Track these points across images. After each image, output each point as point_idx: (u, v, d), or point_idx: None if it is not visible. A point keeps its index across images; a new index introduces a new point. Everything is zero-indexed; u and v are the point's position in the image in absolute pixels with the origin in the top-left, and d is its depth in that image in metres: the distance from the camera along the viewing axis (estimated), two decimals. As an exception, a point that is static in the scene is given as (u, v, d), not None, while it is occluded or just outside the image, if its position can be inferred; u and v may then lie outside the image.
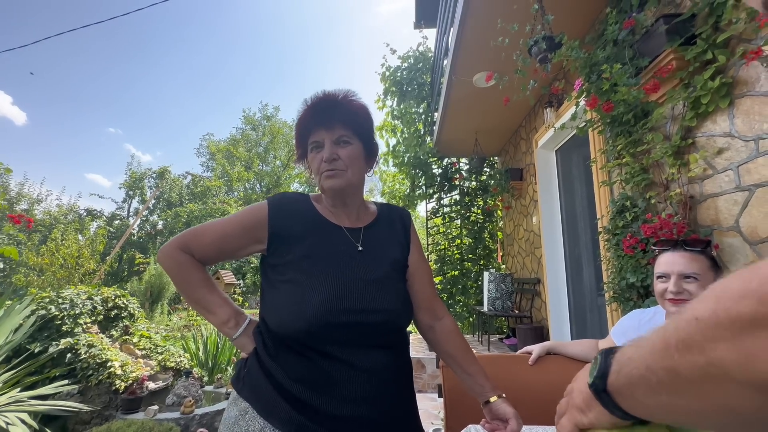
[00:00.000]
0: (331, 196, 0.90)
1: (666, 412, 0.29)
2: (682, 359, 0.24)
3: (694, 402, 0.25)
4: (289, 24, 43.94)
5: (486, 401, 0.90)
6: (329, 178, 0.86)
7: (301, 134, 0.90)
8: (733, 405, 0.22)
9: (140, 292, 7.94)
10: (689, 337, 0.24)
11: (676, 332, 0.25)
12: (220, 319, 0.86)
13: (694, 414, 0.26)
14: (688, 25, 1.80)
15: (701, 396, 0.24)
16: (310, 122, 0.88)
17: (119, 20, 5.38)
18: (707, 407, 0.24)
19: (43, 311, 2.85)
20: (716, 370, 0.22)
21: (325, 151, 0.86)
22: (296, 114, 0.92)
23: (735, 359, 0.21)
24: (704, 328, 0.23)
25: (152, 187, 16.55)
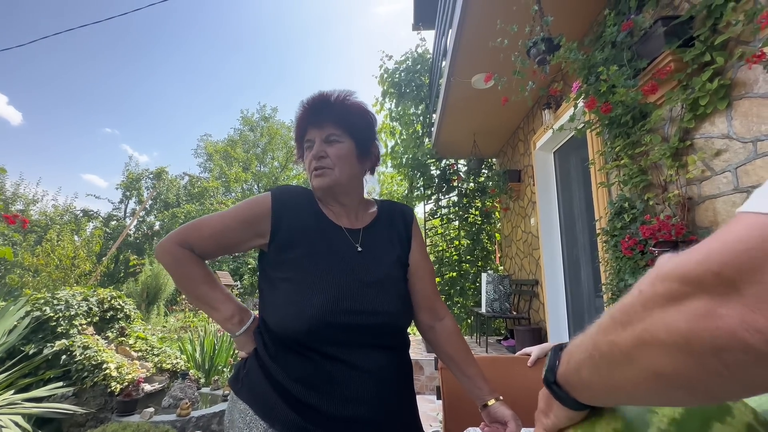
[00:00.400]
0: (320, 195, 0.90)
1: (607, 390, 0.32)
2: (622, 332, 0.28)
3: (629, 372, 0.28)
4: (287, 26, 43.98)
5: (484, 404, 0.89)
6: (317, 177, 0.87)
7: (298, 134, 0.92)
8: (659, 368, 0.25)
9: (136, 293, 7.90)
10: (631, 307, 0.27)
11: (621, 305, 0.29)
12: (223, 315, 0.84)
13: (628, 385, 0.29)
14: (686, 27, 1.81)
15: (635, 364, 0.27)
16: (304, 122, 0.89)
17: (117, 20, 5.36)
18: (639, 375, 0.27)
19: (37, 312, 2.82)
20: (648, 335, 0.26)
21: (316, 149, 0.86)
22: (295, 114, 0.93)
23: (662, 323, 0.24)
24: (644, 299, 0.26)
25: (149, 187, 16.48)
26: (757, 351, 0.20)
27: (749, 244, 0.22)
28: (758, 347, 0.20)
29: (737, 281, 0.22)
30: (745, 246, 0.22)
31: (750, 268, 0.21)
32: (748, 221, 0.23)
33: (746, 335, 0.21)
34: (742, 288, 0.21)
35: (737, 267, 0.22)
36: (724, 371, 0.22)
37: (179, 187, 17.44)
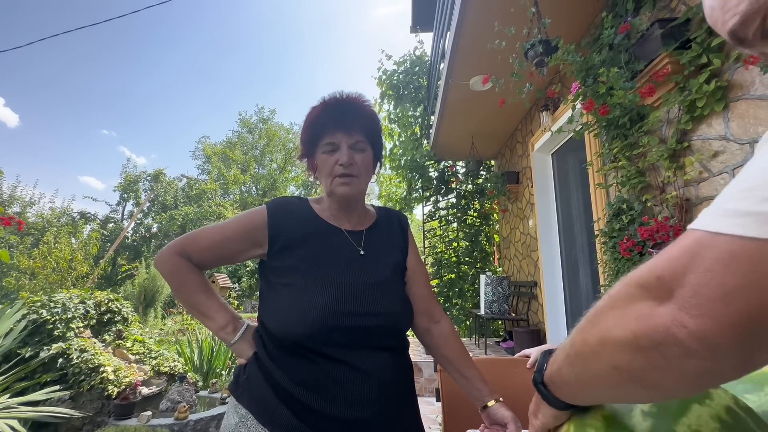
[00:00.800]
0: (337, 201, 0.89)
1: (580, 384, 0.35)
2: (592, 330, 0.32)
3: (595, 366, 0.31)
4: (285, 28, 44.07)
5: (484, 406, 0.89)
6: (344, 184, 0.85)
7: (314, 133, 0.87)
8: (617, 362, 0.29)
9: (134, 296, 7.87)
10: (601, 309, 0.31)
11: (594, 307, 0.32)
12: (218, 325, 0.84)
13: (595, 378, 0.32)
14: (683, 29, 1.82)
15: (599, 358, 0.30)
16: (327, 123, 0.85)
17: (114, 22, 5.36)
18: (602, 369, 0.31)
19: (34, 315, 2.80)
20: (609, 333, 0.29)
21: (343, 155, 0.84)
22: (309, 110, 0.88)
23: (619, 322, 0.28)
24: (611, 301, 0.30)
25: (147, 189, 16.43)
26: (684, 344, 0.24)
27: (683, 253, 0.25)
28: (685, 341, 0.23)
29: (672, 285, 0.25)
30: (679, 255, 0.25)
31: (681, 273, 0.25)
32: (690, 236, 0.26)
33: (675, 330, 0.24)
34: (674, 291, 0.25)
35: (672, 273, 0.25)
36: (664, 364, 0.25)
37: (177, 189, 17.40)
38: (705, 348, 0.23)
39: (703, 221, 0.26)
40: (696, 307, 0.23)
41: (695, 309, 0.23)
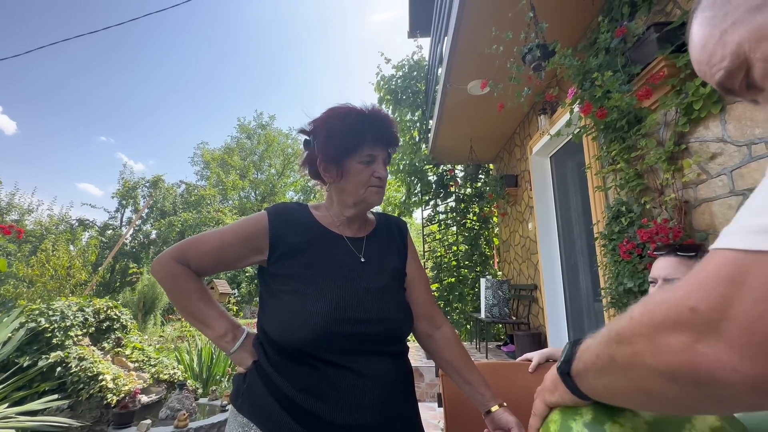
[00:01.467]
0: (362, 209, 0.91)
1: (607, 393, 0.35)
2: (618, 349, 0.31)
3: (624, 383, 0.31)
4: (283, 34, 44.31)
5: (487, 411, 0.88)
6: (377, 194, 0.89)
7: (355, 141, 0.86)
8: (648, 388, 0.28)
9: (133, 303, 7.83)
10: (623, 331, 0.30)
11: (617, 327, 0.32)
12: (216, 333, 0.83)
13: (623, 394, 0.33)
14: (678, 32, 1.83)
15: (628, 379, 0.30)
16: (368, 134, 0.86)
17: (112, 30, 5.39)
18: (632, 389, 0.30)
19: (32, 324, 2.78)
20: (638, 359, 0.28)
21: (381, 168, 0.89)
22: (337, 114, 0.88)
23: (649, 351, 0.27)
24: (633, 325, 0.29)
25: (145, 196, 16.42)
26: (734, 387, 0.21)
27: (720, 280, 0.23)
28: (737, 384, 0.21)
29: (713, 319, 0.23)
30: (716, 282, 0.23)
31: (723, 305, 0.22)
32: (719, 258, 0.24)
33: (724, 374, 0.22)
34: (718, 326, 0.22)
35: (711, 304, 0.23)
36: (706, 399, 0.24)
37: (176, 196, 17.39)
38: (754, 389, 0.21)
39: (731, 240, 0.23)
40: (748, 347, 0.21)
41: (749, 349, 0.21)
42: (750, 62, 0.35)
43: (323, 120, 0.90)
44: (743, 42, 0.35)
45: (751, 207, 0.24)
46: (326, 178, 0.90)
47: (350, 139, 0.86)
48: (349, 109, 0.88)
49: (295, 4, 43.40)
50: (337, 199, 0.91)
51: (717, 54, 0.37)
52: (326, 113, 0.90)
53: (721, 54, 0.37)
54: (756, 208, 0.24)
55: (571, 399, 0.42)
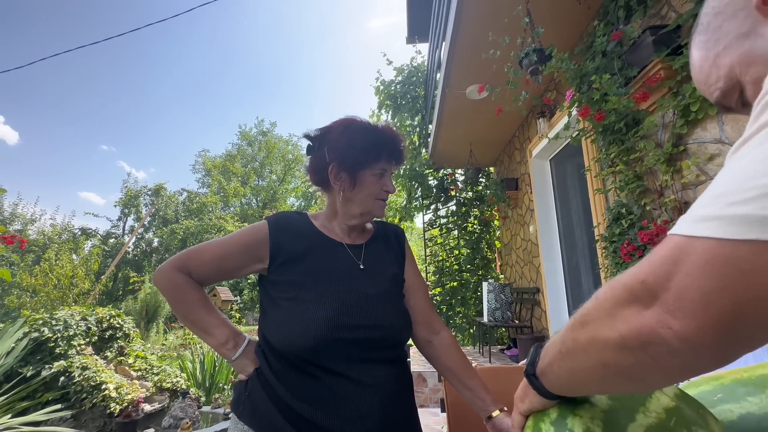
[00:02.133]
0: (367, 219, 0.94)
1: (570, 377, 0.38)
2: (582, 330, 0.34)
3: (584, 362, 0.34)
4: (282, 41, 44.66)
5: (488, 416, 0.88)
6: (383, 207, 0.93)
7: (373, 155, 0.88)
8: (605, 360, 0.31)
9: (135, 312, 7.83)
10: (588, 311, 0.34)
11: (582, 310, 0.35)
12: (218, 341, 0.84)
13: (584, 373, 0.35)
14: (673, 35, 1.85)
15: (588, 356, 0.33)
16: (383, 150, 0.89)
17: (113, 39, 5.45)
18: (591, 365, 0.33)
19: (36, 333, 2.79)
20: (598, 333, 0.31)
21: (390, 183, 0.92)
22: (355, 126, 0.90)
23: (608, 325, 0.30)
24: (598, 304, 0.32)
25: (148, 204, 16.48)
26: (670, 344, 0.26)
27: (665, 259, 0.27)
28: (671, 341, 0.26)
29: (656, 290, 0.27)
30: (662, 260, 0.27)
31: (664, 278, 0.26)
32: (670, 241, 0.28)
33: (661, 332, 0.26)
34: (659, 295, 0.27)
35: (656, 278, 0.27)
36: (650, 361, 0.28)
37: (177, 203, 17.45)
38: (688, 347, 0.25)
39: (680, 227, 0.27)
40: (679, 310, 0.25)
41: (679, 312, 0.25)
42: (742, 84, 0.38)
43: (342, 129, 0.90)
44: (734, 65, 0.38)
45: (700, 199, 0.28)
46: (335, 186, 0.90)
47: (370, 151, 0.88)
48: (367, 123, 0.92)
49: (294, 12, 43.80)
50: (342, 208, 0.92)
51: (713, 75, 0.40)
52: (343, 123, 0.91)
53: (716, 75, 0.40)
54: (702, 200, 0.27)
55: (540, 402, 0.45)
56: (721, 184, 0.26)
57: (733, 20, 0.38)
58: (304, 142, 0.94)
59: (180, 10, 5.08)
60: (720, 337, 0.24)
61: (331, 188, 0.91)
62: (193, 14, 6.23)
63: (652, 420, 0.42)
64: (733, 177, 0.25)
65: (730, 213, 0.24)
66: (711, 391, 0.61)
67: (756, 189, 0.23)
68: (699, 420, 0.44)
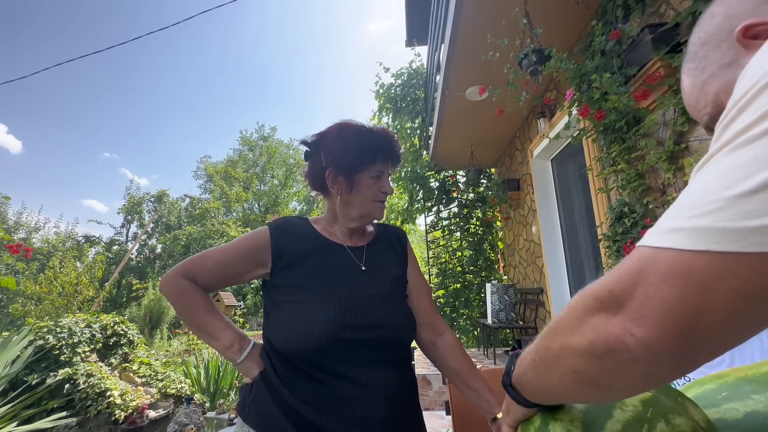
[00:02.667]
0: (366, 221, 0.94)
1: (544, 385, 0.38)
2: (554, 338, 0.35)
3: (557, 370, 0.35)
4: (282, 47, 44.90)
5: (493, 418, 0.88)
6: (382, 209, 0.94)
7: (369, 157, 0.89)
8: (576, 367, 0.32)
9: (139, 318, 7.85)
10: (561, 319, 0.34)
11: (556, 317, 0.35)
12: (223, 344, 0.85)
13: (557, 381, 0.35)
14: (672, 33, 1.84)
15: (560, 363, 0.34)
16: (379, 152, 0.90)
17: (114, 47, 5.49)
18: (563, 372, 0.34)
19: (40, 341, 2.80)
20: (570, 341, 0.32)
21: (388, 185, 0.93)
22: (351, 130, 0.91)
23: (579, 333, 0.31)
24: (569, 312, 0.33)
25: (150, 211, 16.56)
26: (632, 350, 0.27)
27: (632, 269, 0.28)
28: (633, 348, 0.26)
29: (622, 298, 0.28)
30: (629, 270, 0.28)
31: (630, 287, 0.27)
32: (637, 253, 0.29)
33: (625, 338, 0.27)
34: (625, 303, 0.27)
35: (622, 287, 0.28)
36: (615, 368, 0.28)
37: (180, 210, 17.52)
38: (648, 354, 0.26)
39: (647, 238, 0.28)
40: (642, 318, 0.26)
41: (642, 319, 0.26)
42: None
43: (336, 133, 0.91)
44: (719, 93, 0.40)
45: (667, 212, 0.28)
46: (333, 190, 0.91)
47: (366, 154, 0.89)
48: (362, 126, 0.92)
49: (293, 18, 44.07)
50: (341, 211, 0.93)
51: (701, 101, 0.43)
52: (338, 127, 0.92)
53: (704, 101, 0.42)
54: (668, 213, 0.28)
55: (521, 411, 0.45)
56: (685, 198, 0.27)
57: (717, 51, 0.40)
58: (303, 147, 0.95)
59: (181, 18, 5.13)
60: (678, 345, 0.25)
61: (330, 192, 0.92)
62: (194, 22, 6.29)
63: (629, 414, 0.43)
64: (696, 191, 0.26)
65: (690, 225, 0.25)
66: (715, 390, 0.60)
67: (714, 203, 0.24)
68: (677, 408, 0.44)
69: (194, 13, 5.05)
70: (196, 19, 5.22)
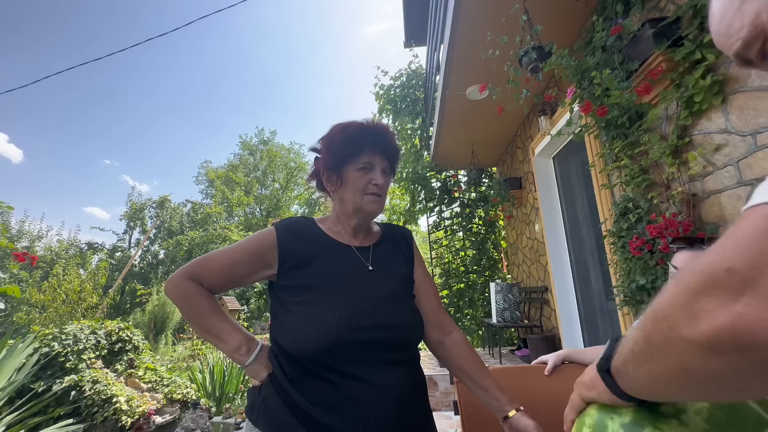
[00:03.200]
0: (362, 217, 0.92)
1: (648, 382, 0.33)
2: (653, 327, 0.30)
3: (662, 366, 0.29)
4: (281, 51, 45.05)
5: (505, 416, 0.87)
6: (375, 202, 0.90)
7: (352, 150, 0.89)
8: (687, 364, 0.26)
9: (144, 324, 7.86)
10: (658, 307, 0.29)
11: (654, 303, 0.30)
12: (231, 347, 0.84)
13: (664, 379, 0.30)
14: (674, 27, 1.84)
15: (666, 359, 0.28)
16: (364, 143, 0.89)
17: (113, 54, 5.52)
18: (671, 370, 0.28)
19: (46, 348, 2.80)
20: (674, 333, 0.26)
21: (378, 176, 0.89)
22: (337, 127, 0.92)
23: (685, 322, 0.25)
24: (667, 298, 0.28)
25: (153, 217, 16.60)
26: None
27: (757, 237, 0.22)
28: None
29: (750, 276, 0.21)
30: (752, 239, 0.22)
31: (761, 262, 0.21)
32: (754, 216, 0.23)
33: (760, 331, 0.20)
34: (758, 282, 0.21)
35: (747, 262, 0.22)
36: (751, 369, 0.22)
37: (182, 215, 17.56)
38: None
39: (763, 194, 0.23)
40: None
41: None
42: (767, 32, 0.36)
43: (327, 132, 0.94)
44: (761, 11, 0.36)
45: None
46: (328, 188, 0.93)
47: (348, 147, 0.89)
48: (350, 122, 0.93)
49: (291, 22, 44.20)
50: (339, 208, 0.93)
51: (735, 24, 0.38)
52: (330, 129, 0.94)
53: (739, 24, 0.38)
54: None
55: (610, 398, 0.40)
56: None
57: None
58: (306, 149, 0.97)
59: (180, 24, 5.15)
60: None
61: (329, 192, 0.94)
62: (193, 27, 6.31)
63: None
64: None
65: None
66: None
67: None
68: None
69: (192, 19, 5.08)
70: (195, 24, 5.24)
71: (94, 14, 33.82)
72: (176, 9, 35.05)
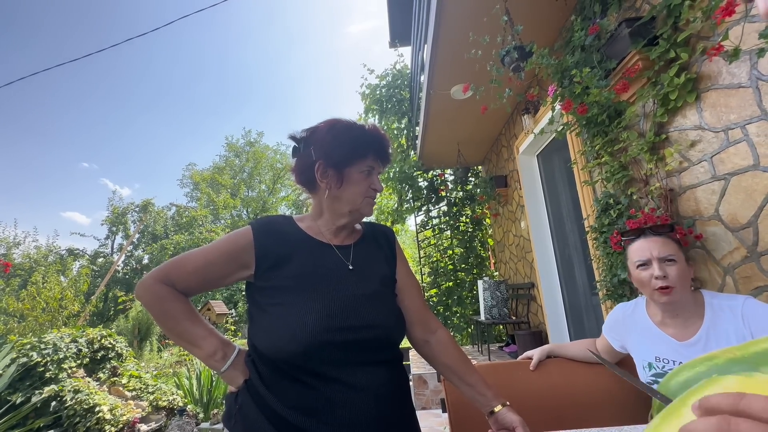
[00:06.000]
0: (354, 219, 0.93)
1: None
2: None
3: None
4: (262, 51, 44.59)
5: (491, 411, 0.88)
6: (371, 206, 0.93)
7: (361, 151, 0.88)
8: None
9: (128, 331, 7.68)
10: None
11: None
12: (206, 353, 0.81)
13: None
14: (649, 27, 1.89)
15: None
16: (369, 149, 0.89)
17: (91, 55, 5.38)
18: None
19: (24, 359, 2.72)
20: None
21: (378, 182, 0.92)
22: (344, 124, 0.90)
23: None
24: None
25: (135, 221, 16.23)
26: None
27: None
28: None
29: None
30: None
31: None
32: None
33: None
34: None
35: None
36: None
37: (166, 219, 17.22)
38: None
39: None
40: None
41: None
42: None
43: (328, 128, 0.89)
44: None
45: None
46: (321, 185, 0.88)
47: (358, 148, 0.88)
48: (351, 122, 0.92)
49: (272, 22, 43.77)
50: (329, 207, 0.90)
51: None
52: (329, 123, 0.90)
53: None
54: None
55: None
56: None
57: None
58: (293, 149, 0.94)
59: (161, 23, 5.05)
60: None
61: (318, 187, 0.90)
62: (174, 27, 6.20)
63: None
64: None
65: None
66: (706, 372, 0.61)
67: None
68: None
69: (171, 19, 4.98)
70: (178, 24, 5.15)
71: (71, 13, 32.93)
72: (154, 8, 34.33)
